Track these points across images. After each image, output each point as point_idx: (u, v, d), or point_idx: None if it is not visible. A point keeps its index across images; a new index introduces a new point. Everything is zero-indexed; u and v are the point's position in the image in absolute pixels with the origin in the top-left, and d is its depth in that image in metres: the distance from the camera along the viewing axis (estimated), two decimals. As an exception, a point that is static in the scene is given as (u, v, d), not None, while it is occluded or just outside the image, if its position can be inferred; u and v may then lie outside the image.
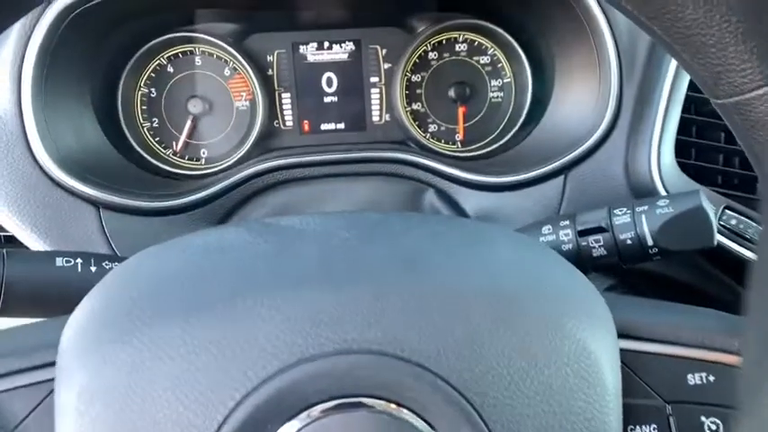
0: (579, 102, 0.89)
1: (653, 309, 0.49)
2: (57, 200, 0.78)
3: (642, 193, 0.79)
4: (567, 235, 0.66)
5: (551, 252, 0.46)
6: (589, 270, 0.67)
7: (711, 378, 0.41)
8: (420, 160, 0.91)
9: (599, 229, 0.65)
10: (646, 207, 0.63)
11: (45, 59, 0.79)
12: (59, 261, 0.62)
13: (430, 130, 1.09)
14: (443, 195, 0.90)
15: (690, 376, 0.42)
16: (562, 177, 0.84)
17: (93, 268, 0.63)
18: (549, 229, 0.68)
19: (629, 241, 0.63)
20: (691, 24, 0.34)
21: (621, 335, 0.42)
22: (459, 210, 0.89)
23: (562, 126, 0.91)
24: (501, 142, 1.04)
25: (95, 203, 0.79)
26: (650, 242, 0.62)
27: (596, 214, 0.66)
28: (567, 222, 0.67)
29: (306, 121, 1.07)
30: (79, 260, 0.63)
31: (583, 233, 0.65)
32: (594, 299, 0.42)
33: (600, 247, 0.65)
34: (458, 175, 0.89)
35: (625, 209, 0.64)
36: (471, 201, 0.88)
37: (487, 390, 0.35)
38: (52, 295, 0.61)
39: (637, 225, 0.63)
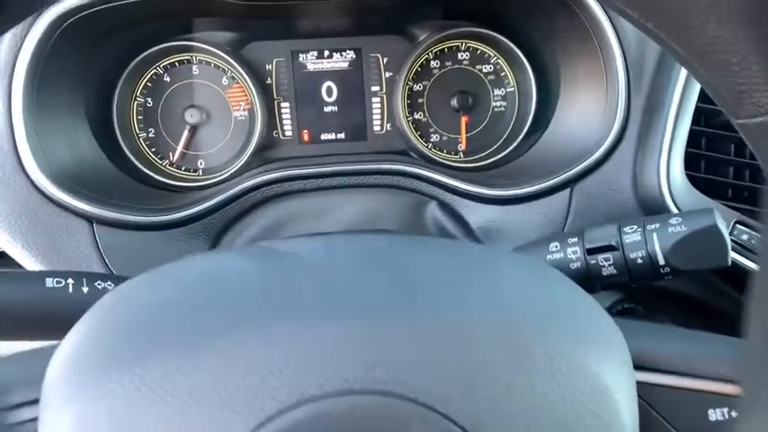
0: (585, 112, 0.87)
1: (670, 336, 0.47)
2: (48, 215, 0.76)
3: (651, 206, 0.77)
4: (575, 253, 0.64)
5: (562, 278, 0.43)
6: (598, 289, 0.65)
7: (734, 414, 0.39)
8: (422, 172, 0.89)
9: (608, 248, 0.63)
10: (657, 225, 0.61)
11: (37, 69, 0.77)
12: (49, 282, 0.60)
13: (432, 139, 1.07)
14: (446, 208, 0.88)
15: (711, 411, 0.39)
16: (568, 190, 0.82)
17: (85, 289, 0.61)
18: (556, 247, 0.66)
19: (639, 260, 0.61)
20: (713, 41, 0.32)
21: (638, 366, 0.40)
22: (462, 223, 0.87)
23: (568, 137, 0.89)
24: (504, 153, 1.02)
25: (88, 218, 0.77)
26: (662, 261, 0.60)
27: (605, 231, 0.64)
28: (576, 240, 0.65)
29: (305, 131, 1.05)
30: (70, 280, 0.61)
31: (592, 251, 0.63)
32: (610, 329, 0.40)
33: (609, 265, 0.63)
34: (461, 187, 0.87)
35: (635, 226, 0.62)
36: (475, 214, 0.86)
37: (498, 431, 0.33)
38: (42, 318, 0.59)
39: (648, 243, 0.61)
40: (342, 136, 1.06)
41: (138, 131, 1.00)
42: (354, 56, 1.04)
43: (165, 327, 0.36)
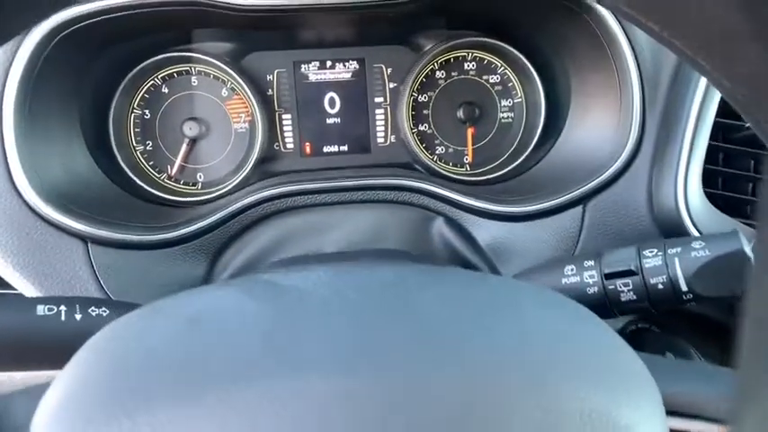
0: (597, 125, 0.84)
1: (700, 376, 0.44)
2: (41, 235, 0.73)
3: (667, 225, 0.74)
4: (592, 277, 0.61)
5: (592, 318, 0.40)
6: (615, 314, 0.62)
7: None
8: (428, 187, 0.86)
9: (627, 273, 0.60)
10: (679, 249, 0.58)
11: (29, 83, 0.74)
12: (41, 309, 0.57)
13: (437, 152, 1.04)
14: (453, 224, 0.85)
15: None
16: (580, 207, 0.79)
17: (78, 316, 0.58)
18: (572, 270, 0.63)
19: (660, 286, 0.58)
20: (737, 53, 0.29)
21: (669, 412, 0.37)
22: (470, 240, 0.84)
23: (579, 151, 0.86)
24: (512, 165, 0.99)
25: (83, 238, 0.74)
26: (684, 287, 0.58)
27: (624, 255, 0.61)
28: (592, 263, 0.62)
29: (307, 144, 1.02)
30: (63, 307, 0.58)
31: (610, 276, 0.60)
32: (640, 374, 0.37)
33: (628, 291, 0.60)
34: (469, 203, 0.84)
35: (655, 250, 0.59)
36: (484, 231, 0.83)
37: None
38: (34, 349, 0.56)
39: (669, 268, 0.58)
40: (344, 148, 1.03)
41: (135, 145, 0.97)
42: (358, 66, 1.01)
43: (157, 376, 0.33)
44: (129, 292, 0.75)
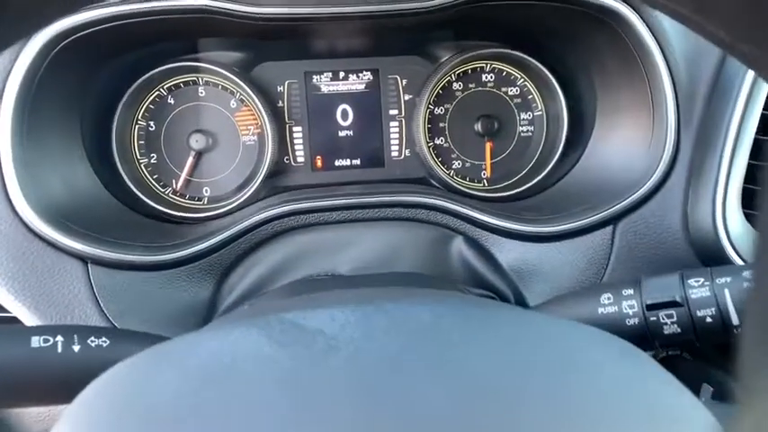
0: (627, 141, 0.79)
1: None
2: (39, 255, 0.68)
3: (704, 248, 0.70)
4: (631, 307, 0.57)
5: (653, 366, 0.36)
6: (656, 348, 0.58)
7: None
8: (446, 204, 0.81)
9: (672, 304, 0.55)
10: (728, 279, 0.54)
11: (28, 93, 0.70)
12: (35, 341, 0.53)
13: (454, 166, 0.99)
14: (474, 244, 0.81)
15: None
16: (610, 228, 0.75)
17: (76, 347, 0.54)
18: (608, 299, 0.58)
19: (708, 319, 0.54)
20: None
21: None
22: (492, 261, 0.79)
23: (606, 168, 0.82)
24: (533, 182, 0.95)
25: (83, 258, 0.70)
26: (736, 321, 0.53)
27: (666, 283, 0.57)
28: (631, 291, 0.58)
29: (318, 157, 0.98)
30: (59, 338, 0.54)
31: (652, 307, 0.56)
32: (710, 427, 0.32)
33: (672, 323, 0.55)
34: (490, 221, 0.79)
35: (702, 279, 0.55)
36: (507, 251, 0.78)
37: None
38: (28, 384, 0.52)
39: (719, 300, 0.53)
40: (357, 162, 0.99)
41: (139, 157, 0.93)
42: (371, 77, 0.97)
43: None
44: (130, 316, 0.70)
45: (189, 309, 0.74)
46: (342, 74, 0.96)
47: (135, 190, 0.89)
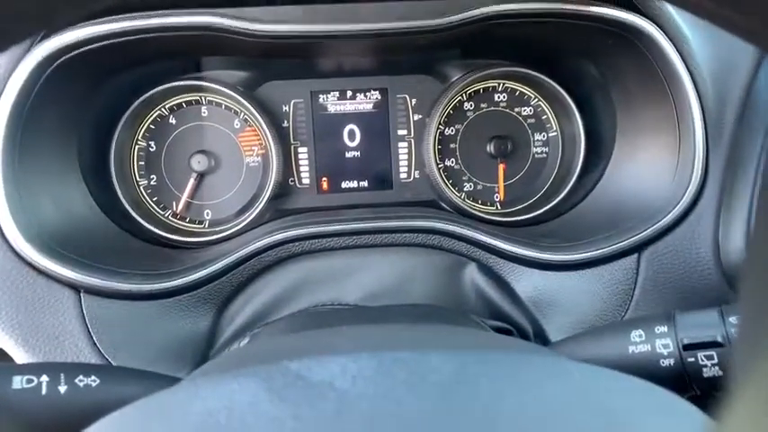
0: (651, 164, 0.75)
1: None
2: (28, 283, 0.65)
3: (738, 279, 0.65)
4: (666, 347, 0.52)
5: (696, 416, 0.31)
6: (694, 391, 0.53)
7: None
8: (459, 230, 0.77)
9: (712, 344, 0.50)
10: (775, 316, 0.49)
11: (22, 112, 0.67)
12: (17, 381, 0.49)
13: (465, 189, 0.96)
14: (488, 272, 0.76)
15: None
16: (635, 256, 0.71)
17: (62, 388, 0.50)
18: (640, 337, 0.54)
19: (753, 360, 0.49)
20: None
21: None
22: (508, 291, 0.75)
23: (629, 192, 0.78)
24: (549, 206, 0.91)
25: (75, 287, 0.66)
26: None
27: (704, 319, 0.52)
28: (665, 329, 0.53)
29: (324, 179, 0.94)
30: (44, 377, 0.50)
31: (690, 347, 0.51)
32: None
33: (713, 365, 0.50)
34: (505, 248, 0.75)
35: (744, 316, 0.50)
36: (524, 281, 0.74)
37: None
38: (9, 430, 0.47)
39: (764, 339, 0.48)
40: (365, 184, 0.95)
41: (138, 179, 0.89)
42: (380, 97, 0.93)
43: None
44: (125, 349, 0.66)
45: (187, 340, 0.70)
46: (349, 93, 0.93)
47: (133, 213, 0.86)
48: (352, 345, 0.40)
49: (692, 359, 0.51)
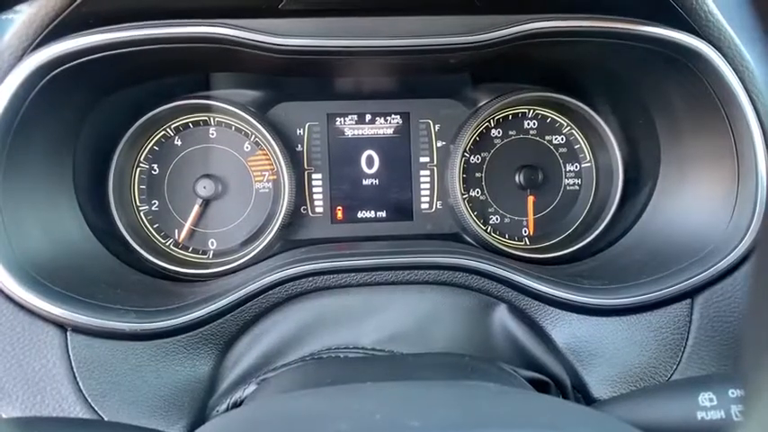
0: (702, 200, 0.68)
1: None
2: (8, 320, 0.57)
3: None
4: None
5: None
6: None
7: None
8: (488, 267, 0.69)
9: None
10: None
11: (10, 128, 0.60)
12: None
13: (491, 221, 0.88)
14: (521, 315, 0.69)
15: None
16: (688, 302, 0.63)
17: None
18: (710, 400, 0.46)
19: None
20: None
21: None
22: (544, 337, 0.67)
23: (676, 230, 0.70)
24: (583, 242, 0.84)
25: (62, 325, 0.58)
26: None
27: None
28: (742, 392, 0.45)
29: (339, 208, 0.87)
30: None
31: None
32: None
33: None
34: (539, 289, 0.68)
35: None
36: (561, 326, 0.66)
37: None
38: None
39: None
40: (383, 214, 0.88)
41: (138, 203, 0.83)
42: (401, 121, 0.87)
43: None
44: (113, 397, 0.58)
45: (185, 387, 0.62)
46: (368, 116, 0.87)
47: (131, 240, 0.79)
48: (381, 413, 0.32)
49: (781, 432, 0.43)
